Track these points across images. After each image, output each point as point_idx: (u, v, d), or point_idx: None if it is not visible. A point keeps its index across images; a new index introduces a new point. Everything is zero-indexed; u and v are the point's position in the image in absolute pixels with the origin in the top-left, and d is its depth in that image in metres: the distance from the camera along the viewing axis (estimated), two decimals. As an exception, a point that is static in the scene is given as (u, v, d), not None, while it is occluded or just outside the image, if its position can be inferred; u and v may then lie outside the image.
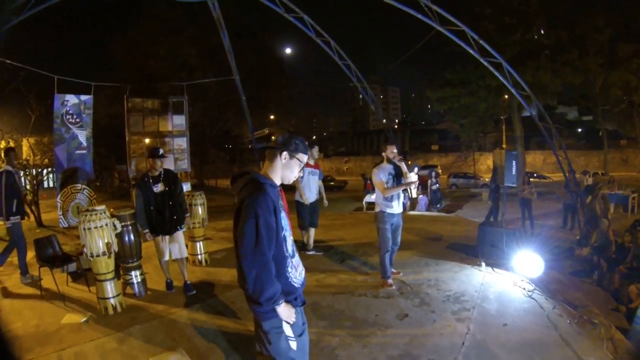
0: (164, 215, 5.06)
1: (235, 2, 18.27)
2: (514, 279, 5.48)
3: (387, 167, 5.22)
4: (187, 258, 5.49)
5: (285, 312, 2.26)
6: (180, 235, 5.24)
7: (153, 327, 4.25)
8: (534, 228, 10.90)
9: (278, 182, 2.42)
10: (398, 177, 5.26)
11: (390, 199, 5.23)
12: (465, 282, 5.46)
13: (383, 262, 5.32)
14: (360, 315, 4.49)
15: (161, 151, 5.17)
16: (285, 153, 2.38)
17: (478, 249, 6.52)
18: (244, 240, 2.14)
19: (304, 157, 2.46)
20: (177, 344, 3.87)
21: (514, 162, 6.56)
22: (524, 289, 5.17)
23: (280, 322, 2.27)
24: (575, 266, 8.00)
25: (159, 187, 5.03)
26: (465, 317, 4.37)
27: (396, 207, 5.31)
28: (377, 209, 5.35)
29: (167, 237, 5.12)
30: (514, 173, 6.51)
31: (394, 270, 5.61)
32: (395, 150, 5.28)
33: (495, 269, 5.90)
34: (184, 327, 4.26)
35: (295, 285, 2.38)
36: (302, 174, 6.34)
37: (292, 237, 2.45)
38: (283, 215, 2.34)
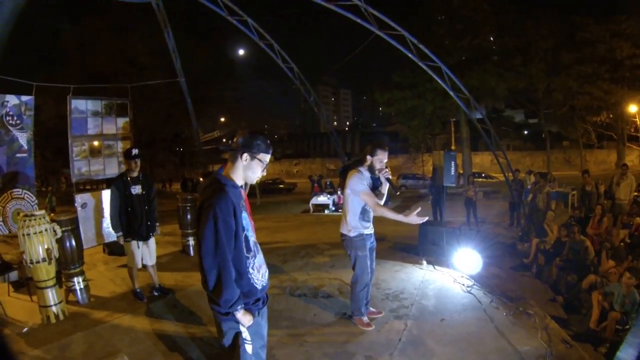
0: (140, 220, 4.89)
1: (186, 1, 17.95)
2: (454, 276, 5.62)
3: (367, 176, 3.93)
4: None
5: (244, 318, 2.28)
6: (153, 240, 5.13)
7: (95, 334, 4.20)
8: (479, 226, 11.35)
9: (240, 182, 2.40)
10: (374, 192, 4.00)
11: (368, 217, 4.07)
12: (406, 280, 5.59)
13: (357, 298, 4.16)
14: (298, 315, 4.55)
15: (134, 151, 4.87)
16: (246, 155, 2.35)
17: (419, 247, 6.71)
18: (205, 241, 2.17)
19: (267, 157, 2.42)
20: (118, 350, 3.86)
21: (452, 162, 6.66)
22: (463, 284, 5.31)
23: (238, 324, 2.31)
24: (517, 261, 8.41)
25: (137, 189, 4.86)
26: (403, 314, 4.50)
27: (371, 225, 4.19)
28: (351, 233, 4.02)
29: (141, 242, 4.97)
30: (452, 173, 6.62)
31: (373, 309, 4.49)
32: (385, 161, 3.91)
33: (436, 266, 6.07)
34: (126, 332, 4.22)
35: (257, 286, 2.39)
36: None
37: (254, 238, 2.46)
38: (244, 215, 2.34)
